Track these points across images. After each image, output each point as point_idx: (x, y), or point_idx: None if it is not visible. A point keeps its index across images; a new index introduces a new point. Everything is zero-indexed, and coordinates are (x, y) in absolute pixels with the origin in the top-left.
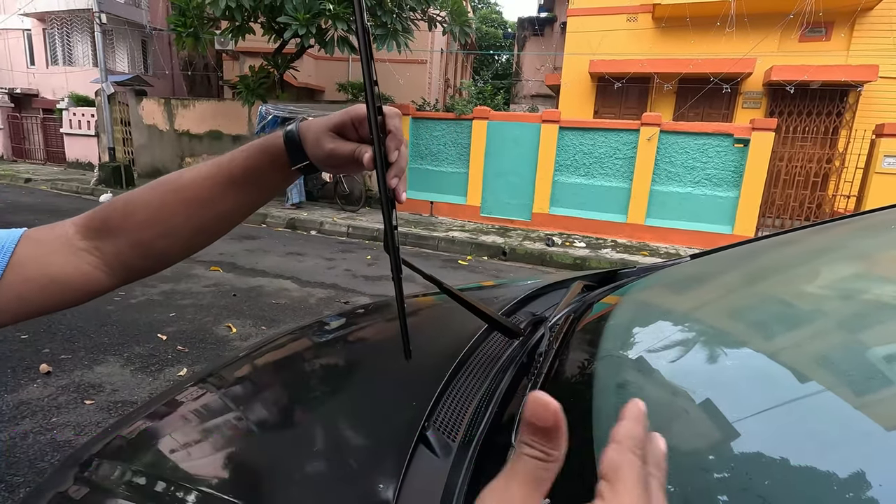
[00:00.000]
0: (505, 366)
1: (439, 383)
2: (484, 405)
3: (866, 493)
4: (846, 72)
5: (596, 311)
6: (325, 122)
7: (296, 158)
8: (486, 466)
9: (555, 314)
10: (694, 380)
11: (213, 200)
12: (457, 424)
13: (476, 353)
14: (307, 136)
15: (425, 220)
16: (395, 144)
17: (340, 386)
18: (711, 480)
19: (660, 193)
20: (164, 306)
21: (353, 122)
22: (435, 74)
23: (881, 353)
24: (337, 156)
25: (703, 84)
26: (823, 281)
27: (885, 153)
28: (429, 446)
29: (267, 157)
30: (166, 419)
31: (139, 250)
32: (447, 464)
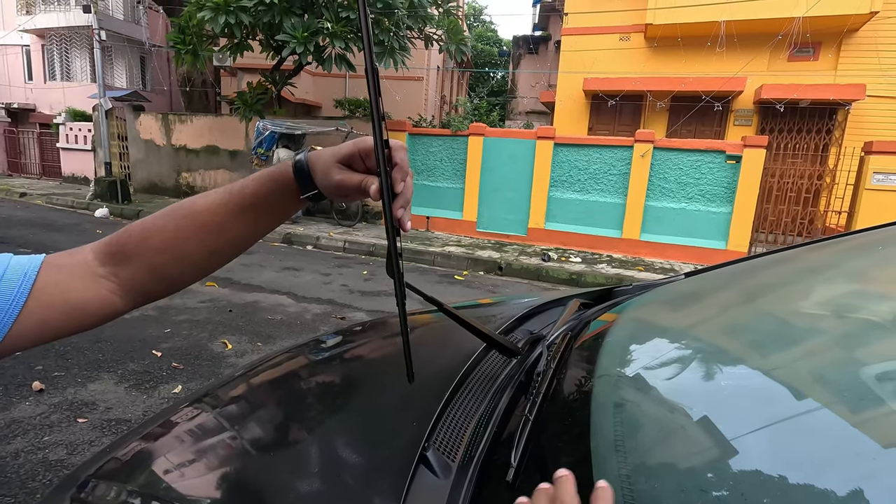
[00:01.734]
0: (503, 385)
1: (439, 403)
2: (483, 425)
3: None
4: (835, 91)
5: (593, 330)
6: (333, 154)
7: (305, 187)
8: (485, 486)
9: (552, 333)
10: (690, 398)
11: (225, 226)
12: (456, 444)
13: (474, 372)
14: (316, 166)
15: (422, 235)
16: (401, 176)
17: (338, 405)
18: (709, 499)
19: (654, 209)
20: (159, 322)
21: (360, 154)
22: (431, 91)
23: (874, 371)
24: (345, 186)
25: (695, 102)
26: (817, 299)
27: (875, 170)
28: (429, 466)
29: (277, 186)
30: (162, 440)
31: (154, 275)
32: (448, 484)
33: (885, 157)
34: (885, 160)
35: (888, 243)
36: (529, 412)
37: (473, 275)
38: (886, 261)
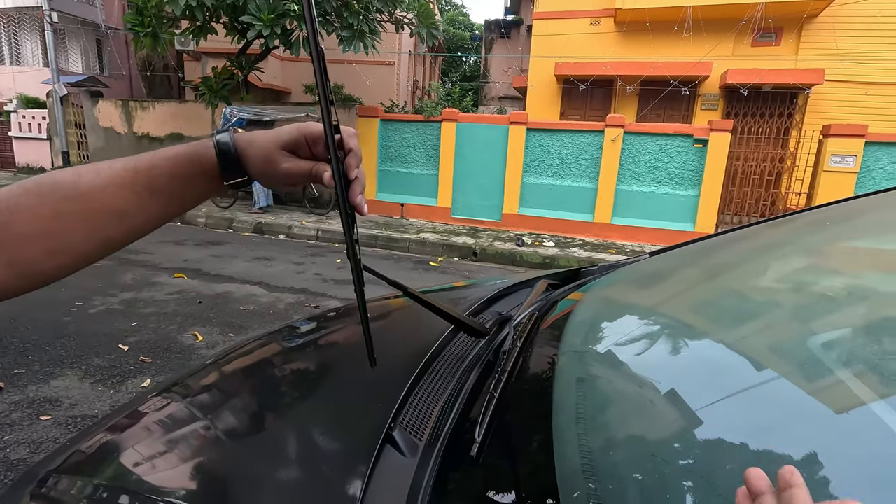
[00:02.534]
0: (471, 365)
1: (405, 385)
2: (450, 404)
3: (819, 473)
4: (795, 75)
5: (559, 309)
6: (273, 140)
7: (231, 172)
8: (451, 463)
9: (519, 313)
10: (651, 371)
11: (128, 211)
12: (424, 424)
13: (443, 353)
14: (250, 152)
15: (396, 223)
16: (354, 162)
17: (309, 390)
18: (666, 467)
19: (625, 193)
20: (126, 316)
21: (306, 140)
22: (403, 76)
23: (825, 342)
24: (292, 175)
25: (664, 86)
26: (771, 274)
27: (832, 152)
28: (395, 446)
29: (196, 168)
30: (130, 431)
31: (16, 269)
32: (414, 462)
33: (841, 140)
34: (841, 142)
35: (835, 219)
36: (494, 389)
37: (448, 261)
38: (835, 236)
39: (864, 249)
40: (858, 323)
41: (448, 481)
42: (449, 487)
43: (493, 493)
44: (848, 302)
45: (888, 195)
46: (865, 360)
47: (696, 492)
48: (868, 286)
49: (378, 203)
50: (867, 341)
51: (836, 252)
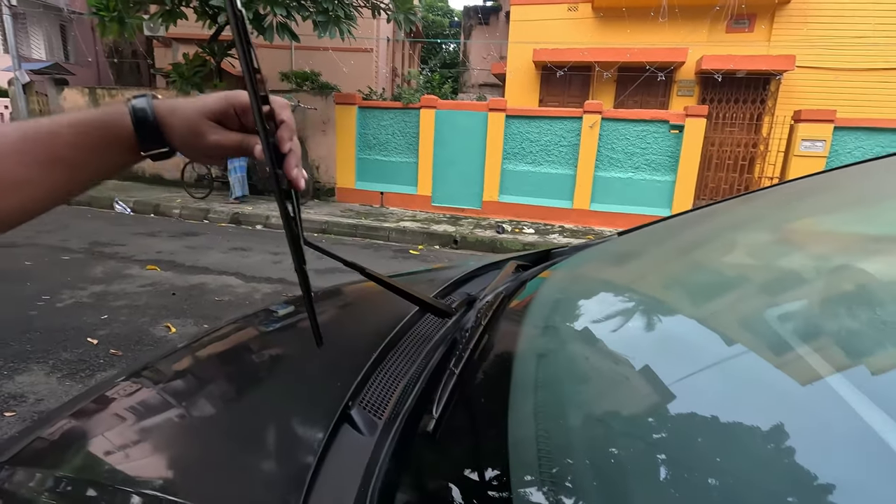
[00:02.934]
0: (436, 345)
1: (365, 365)
2: (413, 384)
3: (786, 443)
4: (767, 61)
5: (528, 289)
6: (199, 109)
7: (149, 143)
8: (408, 441)
9: (486, 293)
10: (614, 347)
11: (20, 185)
12: (384, 403)
13: (408, 334)
14: (171, 121)
15: (376, 211)
16: (287, 135)
17: (279, 374)
18: (622, 441)
19: (603, 179)
20: (95, 309)
21: (235, 111)
22: (382, 64)
23: (786, 315)
24: (221, 147)
25: (641, 73)
26: (736, 250)
27: (803, 137)
28: (353, 424)
29: (108, 138)
30: (96, 417)
31: None
32: (372, 440)
33: (811, 125)
34: (811, 128)
35: (799, 196)
36: (455, 366)
37: (429, 249)
38: (799, 213)
39: (827, 224)
40: (821, 297)
41: (404, 457)
42: (405, 463)
43: (449, 469)
44: (812, 276)
45: (851, 170)
46: (828, 334)
47: (652, 469)
48: (832, 260)
49: (357, 192)
50: (830, 315)
51: (800, 227)
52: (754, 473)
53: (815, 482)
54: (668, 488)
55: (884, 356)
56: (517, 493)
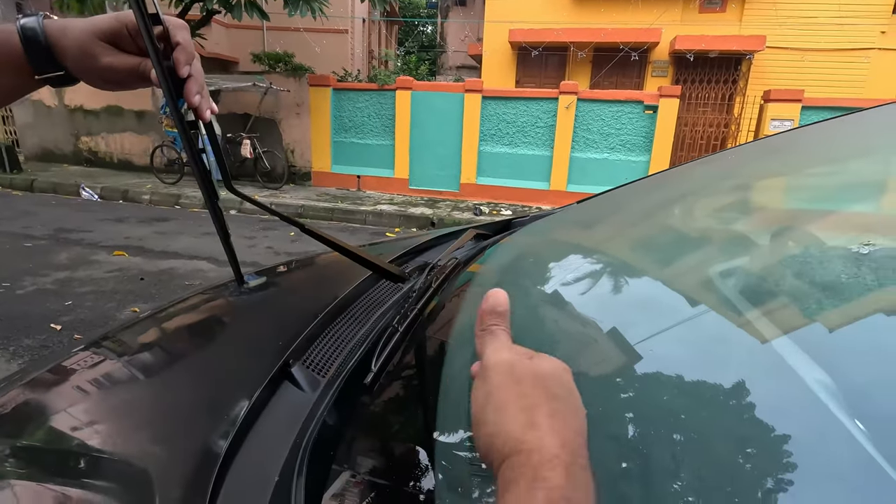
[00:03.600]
0: (388, 309)
1: (309, 325)
2: (359, 344)
3: (746, 399)
4: (738, 42)
5: (484, 256)
6: (90, 28)
7: (42, 65)
8: (347, 395)
9: (439, 258)
10: (560, 307)
11: None
12: (329, 363)
13: (362, 299)
14: (64, 42)
15: (352, 195)
16: (185, 58)
17: (231, 340)
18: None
19: (579, 160)
20: (59, 295)
21: (129, 32)
22: (358, 45)
23: (729, 274)
24: (115, 71)
25: (616, 53)
26: (685, 213)
27: (772, 117)
28: (294, 382)
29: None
30: (53, 388)
31: None
32: (313, 397)
33: (780, 105)
34: (780, 107)
35: (759, 156)
36: (399, 323)
37: (406, 231)
38: (757, 174)
39: (779, 186)
40: (767, 258)
41: (341, 410)
42: (341, 416)
43: (382, 419)
44: (758, 238)
45: (804, 131)
46: (771, 294)
47: None
48: (779, 223)
49: (333, 175)
50: (773, 276)
51: (749, 191)
52: (701, 430)
53: (759, 437)
54: (605, 440)
55: (824, 316)
56: (441, 441)
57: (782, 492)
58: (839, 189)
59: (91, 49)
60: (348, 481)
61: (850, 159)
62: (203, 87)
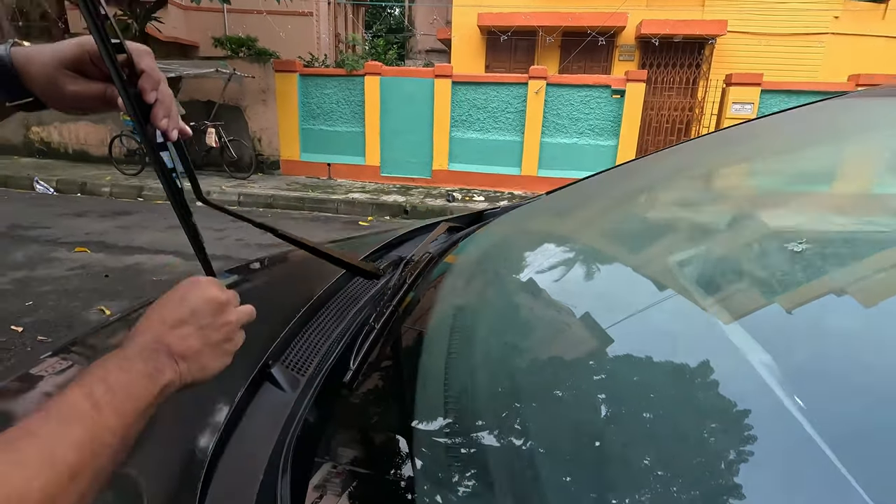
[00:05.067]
0: (364, 306)
1: (287, 326)
2: (337, 343)
3: (711, 377)
4: (701, 26)
5: (458, 249)
6: (54, 56)
7: (12, 93)
8: (328, 394)
9: (413, 253)
10: (529, 299)
11: None
12: (308, 362)
13: (336, 298)
14: (31, 70)
15: (323, 184)
16: (150, 85)
17: None
18: (543, 387)
19: (549, 145)
20: (18, 296)
21: (91, 59)
22: (324, 29)
23: (685, 261)
24: (81, 98)
25: (584, 37)
26: (645, 203)
27: (733, 100)
28: (274, 382)
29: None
30: (23, 397)
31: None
32: (294, 396)
33: (741, 89)
34: (741, 91)
35: (718, 145)
36: (375, 321)
37: (379, 220)
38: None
39: (738, 174)
40: (721, 246)
41: (322, 409)
42: (323, 414)
43: (362, 416)
44: (716, 226)
45: (761, 122)
46: (722, 279)
47: (551, 413)
48: (738, 210)
49: (303, 164)
50: (726, 262)
51: (714, 178)
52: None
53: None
54: (566, 420)
55: (770, 301)
56: (419, 430)
57: (728, 463)
58: (792, 177)
59: (56, 78)
60: (330, 472)
61: (801, 149)
62: (170, 110)
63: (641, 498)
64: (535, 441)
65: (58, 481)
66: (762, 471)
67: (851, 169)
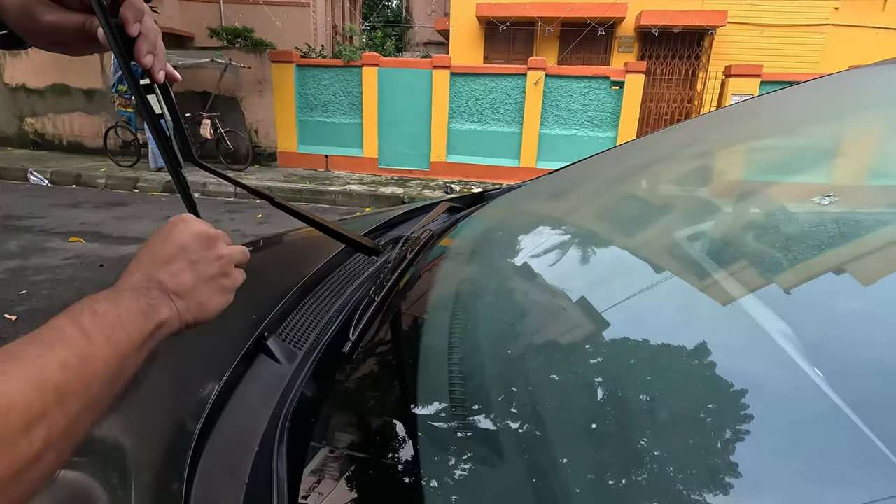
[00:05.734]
0: (363, 282)
1: (284, 299)
2: (335, 317)
3: (707, 358)
4: (701, 17)
5: (458, 229)
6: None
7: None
8: (325, 365)
9: (412, 230)
10: (530, 277)
11: None
12: (306, 335)
13: (336, 273)
14: (3, 1)
15: (321, 175)
16: (133, 15)
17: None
18: (546, 362)
19: (548, 137)
20: (12, 285)
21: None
22: (321, 19)
23: (692, 239)
24: (59, 30)
25: (583, 28)
26: (655, 181)
27: (733, 92)
28: (270, 354)
29: None
30: None
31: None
32: (291, 368)
33: (741, 80)
34: (741, 82)
35: (721, 124)
36: (375, 294)
37: (377, 211)
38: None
39: (741, 154)
40: (734, 223)
41: (320, 380)
42: (320, 385)
43: (361, 387)
44: (725, 204)
45: (758, 101)
46: (738, 258)
47: (556, 393)
48: (750, 187)
49: (300, 156)
50: (741, 240)
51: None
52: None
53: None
54: (571, 400)
55: (787, 276)
56: (423, 406)
57: (750, 435)
58: (798, 152)
59: (31, 7)
60: (327, 456)
61: (818, 121)
62: (156, 47)
63: (667, 473)
64: (545, 422)
65: (42, 398)
66: (791, 440)
67: (871, 139)
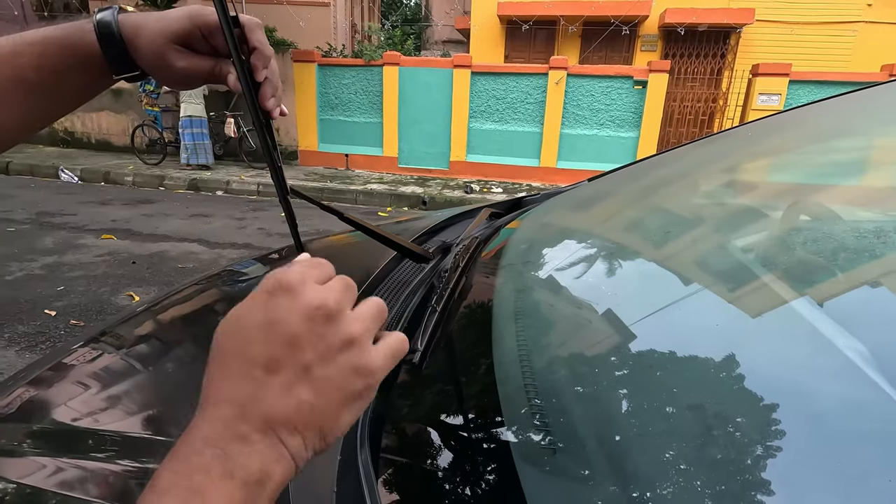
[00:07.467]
0: (415, 289)
1: None
2: (394, 324)
3: (737, 371)
4: (728, 14)
5: (502, 235)
6: (162, 30)
7: (119, 64)
8: (394, 375)
9: (461, 238)
10: (587, 288)
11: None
12: None
13: (387, 280)
14: (139, 42)
15: (341, 174)
16: (262, 63)
17: None
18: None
19: (569, 136)
20: (49, 281)
21: (201, 33)
22: (340, 18)
23: (747, 249)
24: (192, 75)
25: (606, 27)
26: (700, 190)
27: (760, 91)
28: None
29: (73, 59)
30: (56, 386)
31: None
32: None
33: (768, 79)
34: (768, 81)
35: (754, 133)
36: (436, 304)
37: (397, 210)
38: (755, 150)
39: (781, 163)
40: (781, 231)
41: (392, 390)
42: (393, 396)
43: (436, 398)
44: (770, 212)
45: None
46: (787, 266)
47: (631, 400)
48: (786, 197)
49: (320, 154)
50: (789, 248)
51: (758, 166)
52: (732, 403)
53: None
54: (648, 413)
55: (838, 281)
56: (507, 418)
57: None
58: (849, 164)
59: (165, 53)
60: (403, 466)
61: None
62: (277, 89)
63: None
64: (635, 437)
65: None
66: (863, 457)
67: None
